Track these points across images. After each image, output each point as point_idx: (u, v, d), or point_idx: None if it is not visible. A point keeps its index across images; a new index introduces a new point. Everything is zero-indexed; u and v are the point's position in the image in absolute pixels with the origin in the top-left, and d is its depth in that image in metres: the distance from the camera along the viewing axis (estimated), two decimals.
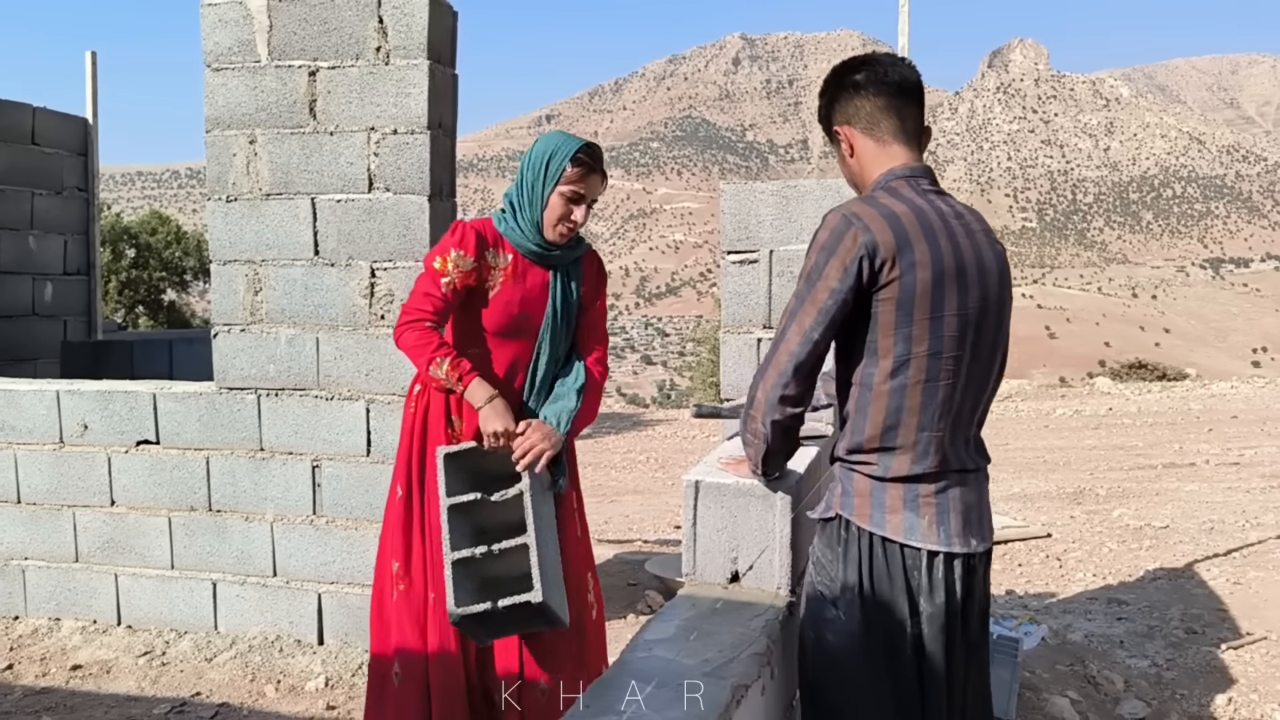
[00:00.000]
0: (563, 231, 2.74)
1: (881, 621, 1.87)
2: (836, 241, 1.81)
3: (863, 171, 1.99)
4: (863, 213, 1.83)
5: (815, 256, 1.84)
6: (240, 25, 4.06)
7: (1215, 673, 4.07)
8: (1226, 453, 9.75)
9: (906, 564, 1.86)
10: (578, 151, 2.72)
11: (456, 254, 2.72)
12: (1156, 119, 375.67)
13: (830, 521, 1.92)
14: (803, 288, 1.85)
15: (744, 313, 2.86)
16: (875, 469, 1.87)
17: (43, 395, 4.41)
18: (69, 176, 6.72)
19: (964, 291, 1.84)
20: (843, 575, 1.89)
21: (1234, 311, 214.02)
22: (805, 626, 1.96)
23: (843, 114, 1.98)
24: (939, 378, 1.84)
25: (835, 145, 2.02)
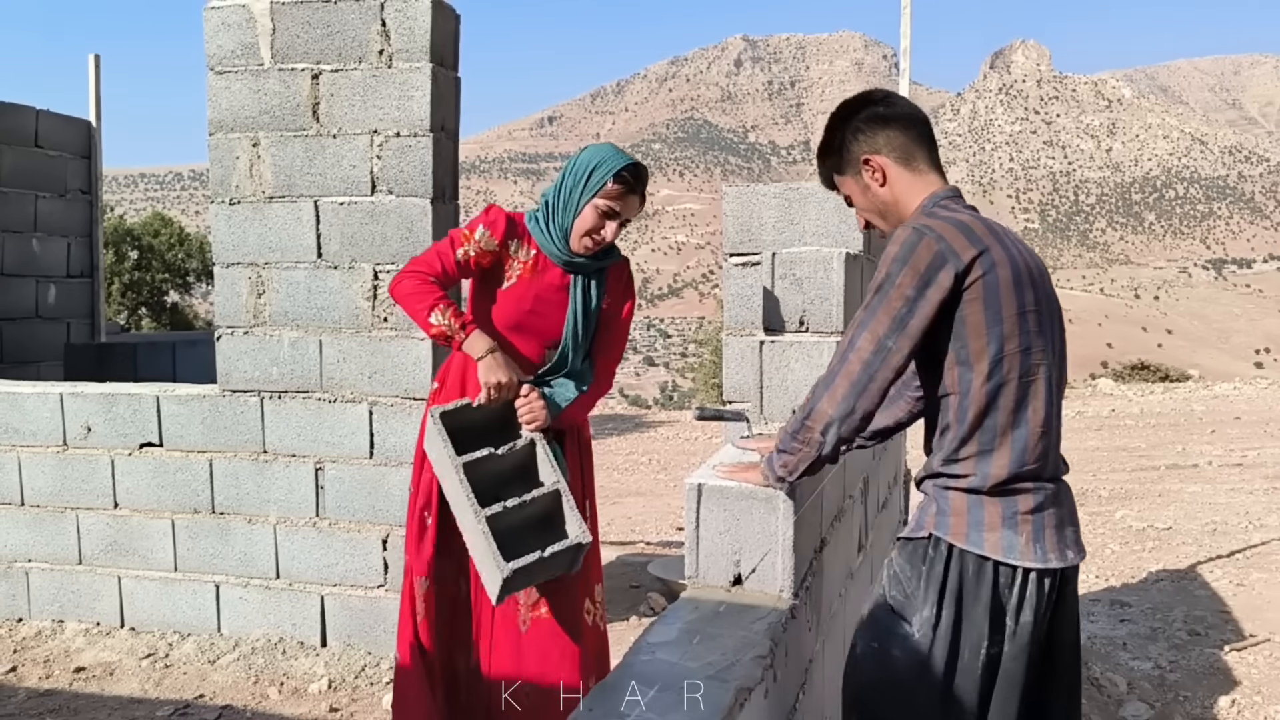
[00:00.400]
0: (588, 244, 2.71)
1: (959, 640, 1.88)
2: (909, 252, 1.80)
3: (899, 200, 2.00)
4: (932, 224, 1.85)
5: (886, 268, 1.82)
6: (243, 28, 4.07)
7: (1218, 674, 4.06)
8: (1229, 454, 9.74)
9: (999, 582, 1.87)
10: (623, 169, 2.68)
11: (484, 232, 2.72)
12: (1159, 120, 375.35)
13: (919, 540, 1.93)
14: (873, 299, 1.82)
15: (746, 315, 2.86)
16: (973, 479, 1.87)
17: (46, 398, 4.42)
18: (72, 179, 6.74)
19: (1036, 289, 1.88)
20: (923, 592, 1.89)
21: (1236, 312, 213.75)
22: (867, 636, 1.96)
23: (871, 144, 2.00)
24: (1030, 374, 1.86)
25: (855, 176, 2.03)
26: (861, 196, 2.05)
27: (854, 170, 2.03)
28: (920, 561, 1.90)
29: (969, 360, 1.84)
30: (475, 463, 2.62)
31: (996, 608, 1.87)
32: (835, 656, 2.64)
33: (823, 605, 2.36)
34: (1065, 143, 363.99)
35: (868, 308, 1.83)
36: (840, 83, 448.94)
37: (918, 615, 1.89)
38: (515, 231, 2.76)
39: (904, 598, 1.91)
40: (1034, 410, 1.87)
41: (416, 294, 2.66)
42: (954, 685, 1.88)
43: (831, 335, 2.66)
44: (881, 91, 2.07)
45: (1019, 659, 1.89)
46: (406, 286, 2.68)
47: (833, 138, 2.05)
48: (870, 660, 1.95)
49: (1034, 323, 1.86)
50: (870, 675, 1.96)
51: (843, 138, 2.03)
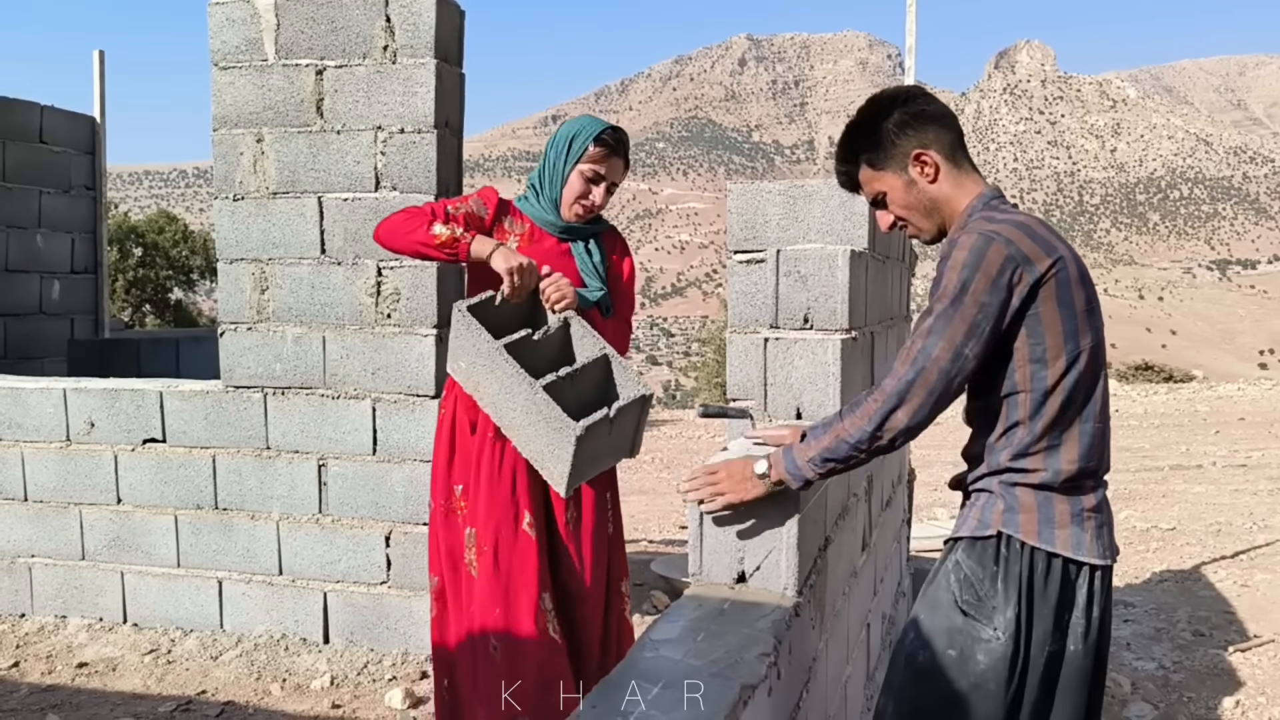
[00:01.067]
0: (579, 211, 2.79)
1: (1032, 639, 1.89)
2: (979, 258, 1.79)
3: (948, 197, 1.97)
4: (998, 229, 1.83)
5: (956, 275, 1.79)
6: (247, 24, 4.07)
7: (1223, 675, 4.05)
8: (1234, 455, 9.73)
9: (1068, 579, 1.88)
10: (602, 133, 2.77)
11: (476, 201, 2.80)
12: (1163, 120, 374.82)
13: (986, 540, 1.92)
14: (946, 306, 1.79)
15: (751, 313, 2.84)
16: (1044, 474, 1.88)
17: (49, 393, 4.42)
18: (76, 175, 6.74)
19: (1089, 286, 1.91)
20: (1002, 593, 1.88)
21: (1241, 313, 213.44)
22: (941, 643, 1.94)
23: (921, 139, 1.95)
24: (1097, 369, 1.88)
25: (899, 171, 1.97)
26: (904, 193, 1.98)
27: (899, 165, 1.97)
28: (993, 562, 1.90)
29: (1044, 358, 1.84)
30: (512, 351, 2.50)
31: (1061, 606, 1.89)
32: (839, 655, 2.63)
33: (827, 604, 2.35)
34: (1070, 143, 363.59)
35: (939, 315, 1.80)
36: (845, 82, 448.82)
37: (1000, 617, 1.88)
38: (507, 209, 2.85)
39: (978, 600, 1.90)
40: (1098, 405, 1.90)
41: (410, 218, 2.66)
42: (1029, 685, 1.90)
43: (836, 332, 2.65)
44: (919, 88, 2.04)
45: (1088, 656, 1.91)
46: (395, 218, 2.69)
47: (874, 130, 1.97)
48: (951, 669, 1.92)
49: (1094, 318, 1.89)
50: (948, 684, 1.92)
51: (887, 130, 1.96)
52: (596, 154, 2.77)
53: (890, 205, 2.03)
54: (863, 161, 2.00)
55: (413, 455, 4.02)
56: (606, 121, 2.83)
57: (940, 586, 1.98)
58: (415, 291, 3.97)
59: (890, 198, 2.01)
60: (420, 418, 4.00)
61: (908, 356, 1.82)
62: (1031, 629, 1.89)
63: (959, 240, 1.85)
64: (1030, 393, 1.88)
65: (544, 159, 2.83)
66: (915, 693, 1.99)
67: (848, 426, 1.84)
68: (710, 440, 12.26)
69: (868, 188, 2.04)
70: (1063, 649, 1.90)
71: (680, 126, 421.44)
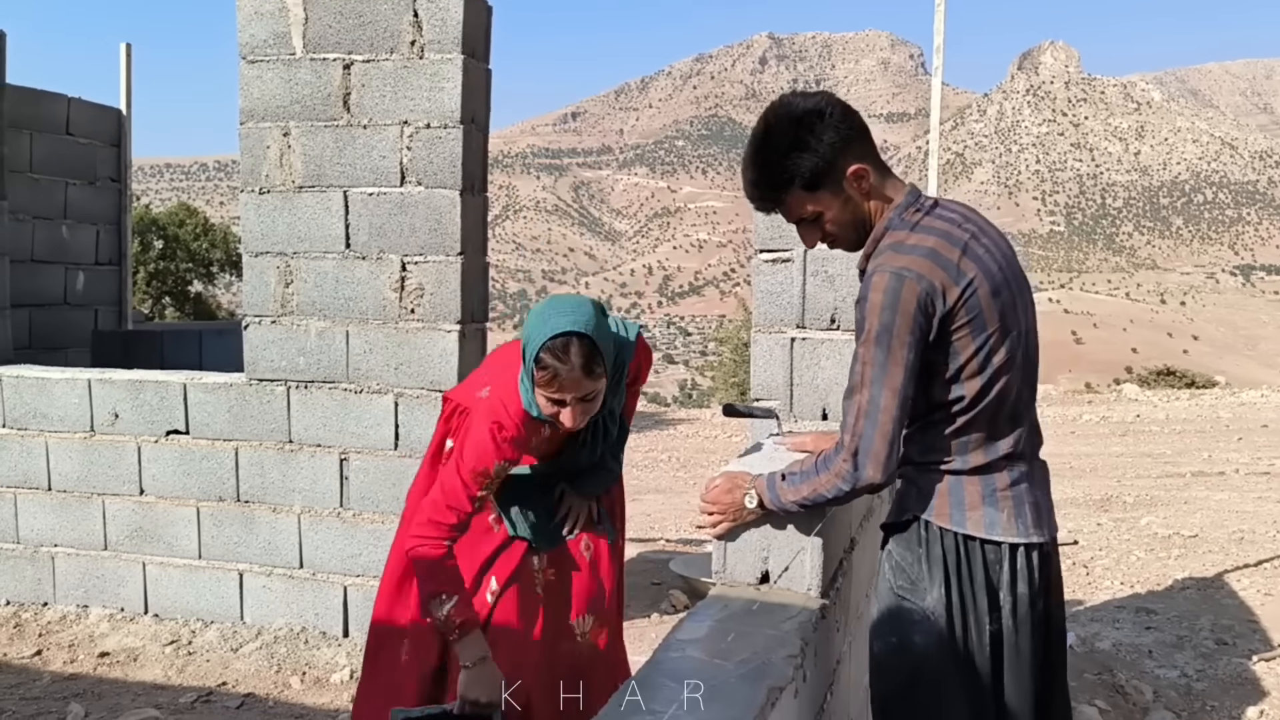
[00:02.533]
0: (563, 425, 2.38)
1: (967, 619, 1.92)
2: (895, 298, 1.80)
3: (877, 209, 1.95)
4: (907, 264, 1.82)
5: (877, 318, 1.81)
6: (276, 18, 4.08)
7: (1246, 684, 4.01)
8: (1257, 462, 9.64)
9: (988, 559, 1.91)
10: (540, 351, 2.27)
11: (500, 466, 2.39)
12: (1188, 123, 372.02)
13: (908, 524, 1.96)
14: (875, 352, 1.81)
15: (776, 312, 2.83)
16: (954, 463, 1.92)
17: (74, 384, 4.45)
18: (102, 167, 6.78)
19: (1008, 282, 1.90)
20: (927, 574, 1.93)
21: (1264, 319, 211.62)
22: (884, 632, 1.98)
23: (856, 154, 1.91)
24: (1008, 371, 1.90)
25: (835, 189, 1.91)
26: (840, 210, 1.92)
27: (835, 184, 1.90)
28: (916, 544, 1.94)
29: (959, 378, 1.88)
30: None
31: (990, 586, 1.92)
32: (861, 657, 2.61)
33: (850, 606, 2.34)
34: (1093, 145, 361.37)
35: (875, 364, 1.81)
36: (866, 82, 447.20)
37: (929, 596, 1.93)
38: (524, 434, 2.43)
39: (910, 584, 1.95)
40: (1022, 402, 1.95)
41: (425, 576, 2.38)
42: (973, 665, 1.92)
43: None
44: (832, 96, 1.97)
45: (1023, 634, 1.94)
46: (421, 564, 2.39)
47: (808, 148, 1.87)
48: (894, 656, 1.97)
49: (1010, 320, 1.89)
50: (896, 672, 1.97)
51: (825, 149, 1.88)
52: (541, 379, 2.29)
53: (826, 223, 1.96)
54: (796, 185, 1.90)
55: None
56: (564, 324, 2.27)
57: (881, 577, 2.03)
58: (440, 287, 3.97)
59: (827, 216, 1.94)
60: None
61: (858, 410, 1.83)
62: (965, 609, 1.92)
63: (873, 281, 1.83)
64: (945, 407, 1.91)
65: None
66: (877, 688, 2.03)
67: (824, 482, 1.86)
68: (727, 440, 12.24)
69: (797, 209, 1.94)
70: (1001, 629, 1.93)
71: (700, 125, 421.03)
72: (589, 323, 2.30)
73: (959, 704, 1.93)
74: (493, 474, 2.37)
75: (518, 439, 2.39)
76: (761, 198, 1.96)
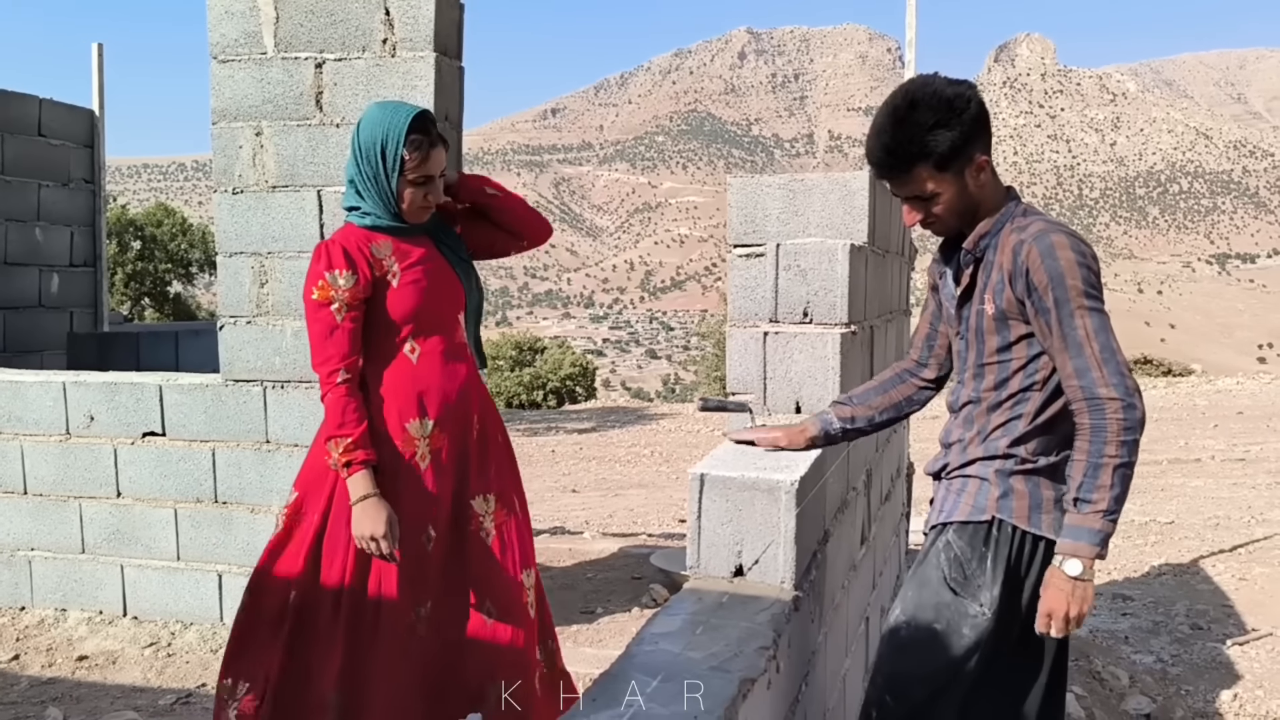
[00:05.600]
0: (424, 214, 2.56)
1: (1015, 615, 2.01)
2: (1084, 257, 1.90)
3: (986, 199, 2.03)
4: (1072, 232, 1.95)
5: (1078, 274, 1.88)
6: (246, 17, 4.06)
7: (1221, 668, 4.06)
8: (1232, 449, 9.74)
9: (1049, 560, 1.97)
10: (409, 134, 2.46)
11: (331, 275, 2.48)
12: (1163, 114, 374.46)
13: (978, 524, 2.03)
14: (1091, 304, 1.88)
15: (751, 306, 2.85)
16: (1036, 462, 2.00)
17: (49, 386, 4.42)
18: (75, 168, 6.73)
19: None
20: (989, 573, 2.00)
21: (1240, 308, 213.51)
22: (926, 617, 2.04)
23: (982, 144, 1.99)
24: None
25: (957, 174, 1.97)
26: (955, 194, 1.99)
27: (957, 169, 1.97)
28: (983, 544, 2.00)
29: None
30: None
31: (1040, 584, 1.98)
32: (838, 648, 2.63)
33: (826, 597, 2.36)
34: (1069, 136, 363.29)
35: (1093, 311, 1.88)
36: (844, 76, 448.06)
37: (986, 594, 2.00)
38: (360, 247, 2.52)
39: (965, 579, 2.01)
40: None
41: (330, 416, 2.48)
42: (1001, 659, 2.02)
43: (835, 326, 2.65)
44: (959, 82, 2.00)
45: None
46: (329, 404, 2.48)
47: (948, 130, 1.93)
48: (930, 640, 2.03)
49: None
50: (927, 656, 2.03)
51: (958, 135, 1.94)
52: (414, 160, 2.47)
53: (936, 205, 2.01)
54: (929, 163, 1.95)
55: None
56: (406, 109, 2.50)
57: (930, 565, 2.08)
58: None
59: (943, 198, 1.99)
60: None
61: (1096, 361, 1.86)
62: (1014, 607, 2.00)
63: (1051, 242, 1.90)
64: (1042, 391, 1.98)
65: (357, 167, 2.53)
66: (893, 665, 2.09)
67: (1113, 453, 1.86)
68: (710, 434, 12.26)
69: (917, 185, 1.99)
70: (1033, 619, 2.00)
71: (680, 120, 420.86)
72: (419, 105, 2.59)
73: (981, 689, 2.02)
74: (331, 284, 2.45)
75: (339, 241, 2.51)
76: (890, 166, 2.00)
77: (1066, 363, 1.88)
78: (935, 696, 2.03)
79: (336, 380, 2.47)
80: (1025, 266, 1.91)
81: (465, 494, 2.64)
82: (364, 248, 2.52)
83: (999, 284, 1.97)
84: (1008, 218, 2.00)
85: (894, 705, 2.07)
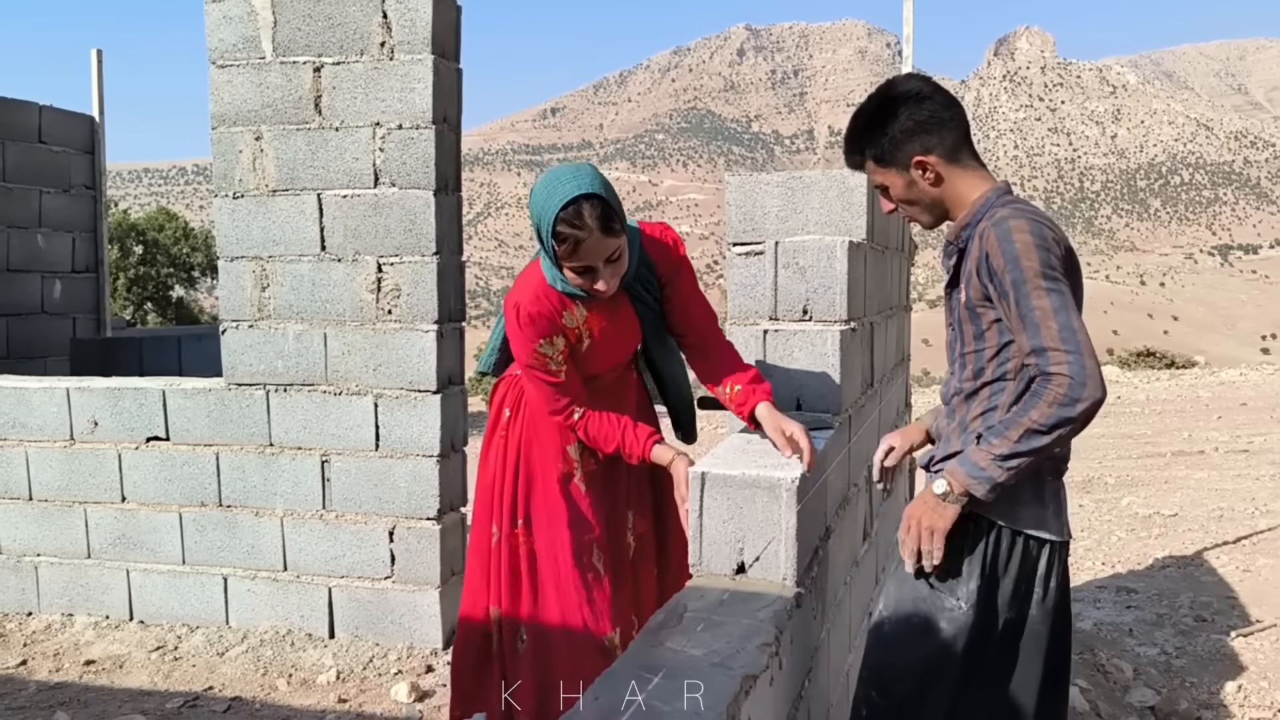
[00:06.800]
0: (600, 292, 2.38)
1: (994, 609, 2.02)
2: (1041, 239, 1.88)
3: (954, 195, 2.05)
4: (1035, 214, 1.95)
5: (1035, 256, 1.86)
6: (245, 22, 4.07)
7: (1225, 660, 4.07)
8: (1236, 440, 9.72)
9: (1029, 553, 2.01)
10: (555, 225, 2.26)
11: (541, 345, 2.43)
12: (1164, 105, 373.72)
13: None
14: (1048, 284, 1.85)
15: (750, 304, 2.85)
16: None
17: (53, 393, 4.43)
18: (76, 174, 6.75)
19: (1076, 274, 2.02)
20: (965, 567, 2.01)
21: (1243, 298, 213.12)
22: (905, 611, 2.06)
23: (925, 144, 2.02)
24: None
25: (901, 171, 2.05)
26: (905, 190, 2.08)
27: (902, 166, 2.05)
28: (957, 537, 2.00)
29: None
30: None
31: (1022, 578, 2.01)
32: (841, 644, 2.64)
33: (828, 593, 2.37)
34: (1070, 129, 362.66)
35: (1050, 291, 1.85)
36: (844, 71, 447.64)
37: (964, 588, 2.01)
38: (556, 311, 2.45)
39: (941, 573, 2.03)
40: None
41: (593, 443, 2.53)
42: (986, 653, 2.03)
43: (835, 324, 2.66)
44: (929, 85, 2.07)
45: (1045, 622, 2.04)
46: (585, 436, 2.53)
47: (880, 130, 2.04)
48: (910, 635, 2.05)
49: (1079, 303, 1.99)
50: (907, 648, 2.06)
51: (893, 134, 2.03)
52: (564, 251, 2.29)
53: (892, 197, 2.12)
54: (869, 157, 2.08)
55: (415, 450, 4.03)
56: (566, 188, 2.26)
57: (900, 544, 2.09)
58: (415, 287, 3.98)
59: (892, 191, 2.10)
60: (422, 413, 4.01)
61: (1051, 338, 1.83)
62: (993, 600, 2.02)
63: (1009, 227, 1.90)
64: (1016, 380, 1.98)
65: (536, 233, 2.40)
66: (876, 659, 2.12)
67: (1034, 415, 1.84)
68: (711, 431, 12.26)
69: (872, 178, 2.13)
70: (1021, 616, 2.03)
71: (679, 118, 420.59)
72: (593, 182, 2.30)
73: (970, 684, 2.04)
74: (544, 354, 2.43)
75: (540, 311, 2.41)
76: (848, 159, 2.15)
77: (1025, 343, 1.87)
78: (922, 690, 2.05)
79: (575, 417, 2.50)
80: (985, 252, 1.93)
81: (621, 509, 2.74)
82: (558, 318, 2.46)
83: (969, 273, 2.01)
84: (987, 208, 2.01)
85: (880, 701, 2.10)
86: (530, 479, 2.67)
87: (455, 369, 4.18)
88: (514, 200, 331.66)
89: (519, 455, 2.68)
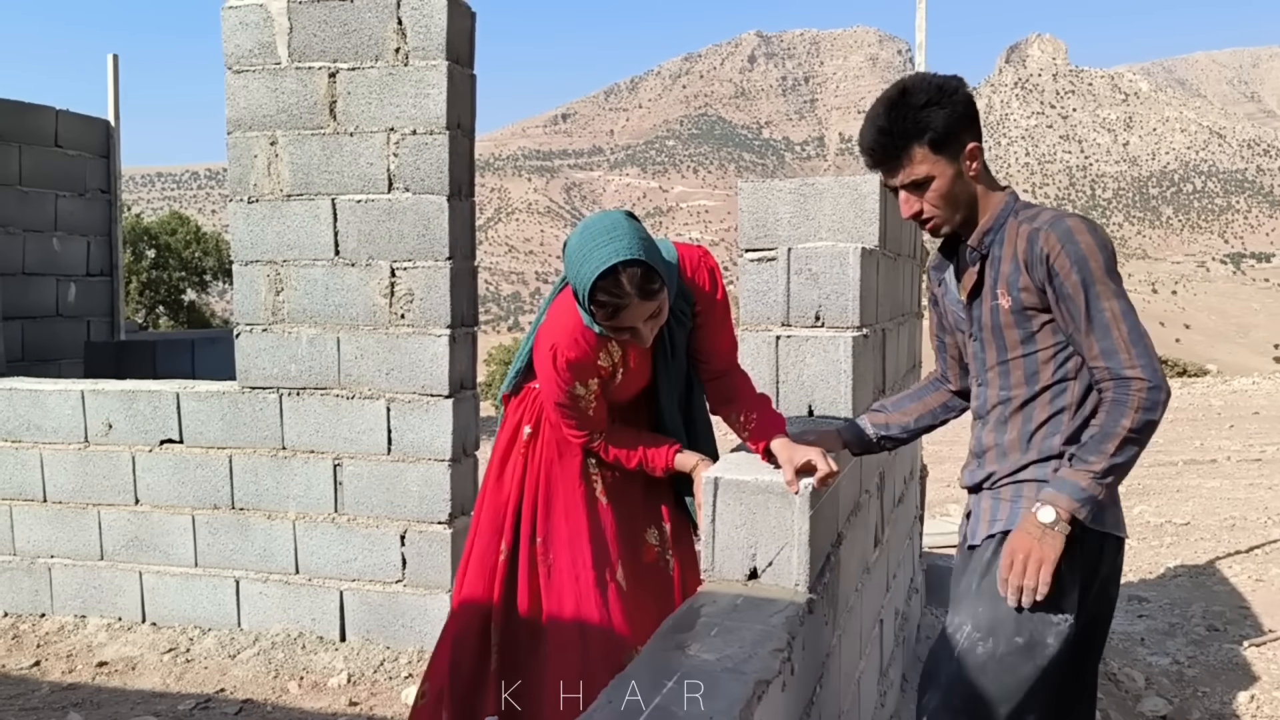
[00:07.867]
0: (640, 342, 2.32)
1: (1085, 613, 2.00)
2: (1102, 239, 1.90)
3: (982, 194, 2.02)
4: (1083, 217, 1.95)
5: (1099, 256, 1.88)
6: (260, 28, 4.10)
7: (1237, 670, 4.05)
8: (1248, 449, 9.69)
9: (1111, 554, 2.01)
10: (594, 293, 2.16)
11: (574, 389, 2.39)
12: (1176, 113, 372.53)
13: None
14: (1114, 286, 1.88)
15: (762, 310, 2.86)
16: None
17: (68, 395, 4.46)
18: (91, 178, 6.79)
19: None
20: (1068, 576, 1.93)
21: (1256, 307, 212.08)
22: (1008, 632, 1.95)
23: (974, 134, 1.99)
24: None
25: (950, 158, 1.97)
26: (946, 180, 1.97)
27: (952, 152, 1.96)
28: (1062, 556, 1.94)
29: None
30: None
31: (1110, 578, 2.02)
32: (852, 650, 2.64)
33: (840, 600, 2.37)
34: (1081, 137, 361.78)
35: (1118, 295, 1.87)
36: (855, 78, 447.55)
37: (1068, 599, 1.95)
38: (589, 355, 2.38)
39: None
40: None
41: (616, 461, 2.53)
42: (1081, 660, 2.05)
43: (847, 330, 2.66)
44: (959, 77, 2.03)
45: (1107, 621, 2.08)
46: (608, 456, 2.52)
47: (944, 105, 1.94)
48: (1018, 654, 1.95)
49: None
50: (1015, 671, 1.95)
51: (955, 117, 1.94)
52: (604, 317, 2.21)
53: (930, 192, 1.99)
54: (924, 141, 1.94)
55: (427, 454, 4.05)
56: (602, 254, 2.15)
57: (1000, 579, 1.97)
58: (429, 292, 4.00)
59: (935, 184, 1.98)
60: (434, 417, 4.03)
61: (1123, 338, 1.85)
62: (1085, 604, 1.99)
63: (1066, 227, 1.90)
64: (1078, 380, 1.96)
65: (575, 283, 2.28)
66: (971, 688, 1.99)
67: (1126, 424, 1.85)
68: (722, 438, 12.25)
69: (911, 169, 1.97)
70: (1098, 615, 2.05)
71: (690, 124, 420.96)
72: (631, 245, 2.18)
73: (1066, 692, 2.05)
74: (578, 395, 2.39)
75: (577, 358, 2.35)
76: (885, 148, 1.98)
77: (1093, 345, 1.86)
78: (1021, 712, 1.97)
79: (597, 441, 2.50)
80: (1045, 253, 1.89)
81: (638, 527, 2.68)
82: (595, 359, 2.40)
83: (1012, 275, 1.95)
84: (1009, 212, 2.00)
85: None
86: (550, 498, 2.61)
87: (467, 374, 4.19)
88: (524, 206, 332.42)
89: (539, 476, 2.60)
